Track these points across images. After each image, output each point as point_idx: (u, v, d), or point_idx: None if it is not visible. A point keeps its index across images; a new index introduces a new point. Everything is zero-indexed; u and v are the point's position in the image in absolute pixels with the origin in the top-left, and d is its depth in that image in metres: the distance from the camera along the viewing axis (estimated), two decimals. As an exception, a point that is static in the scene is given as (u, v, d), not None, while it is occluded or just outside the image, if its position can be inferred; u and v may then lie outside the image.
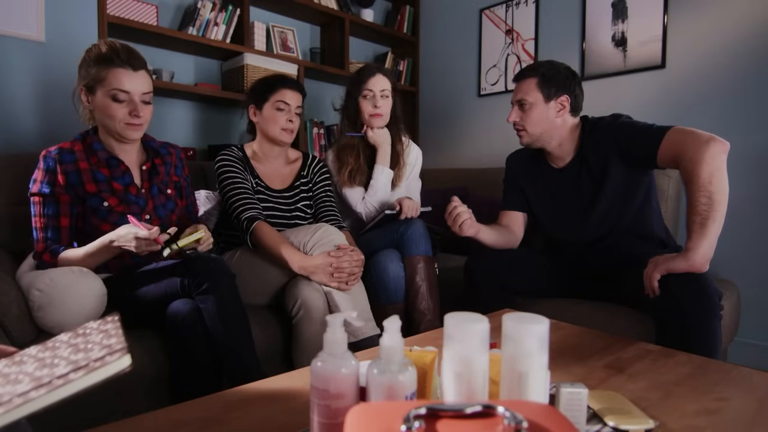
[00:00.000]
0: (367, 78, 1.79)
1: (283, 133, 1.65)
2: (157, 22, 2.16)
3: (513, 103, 1.53)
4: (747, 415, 0.74)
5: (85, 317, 1.12)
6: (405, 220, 1.66)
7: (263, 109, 1.66)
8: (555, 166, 1.57)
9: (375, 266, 1.59)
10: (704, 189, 1.19)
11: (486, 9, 2.85)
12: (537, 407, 0.46)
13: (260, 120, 1.68)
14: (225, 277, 1.21)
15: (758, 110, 1.90)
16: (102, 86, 1.26)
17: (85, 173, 1.29)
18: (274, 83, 1.67)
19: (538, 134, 1.50)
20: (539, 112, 1.48)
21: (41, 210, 1.26)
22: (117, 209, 1.30)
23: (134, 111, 1.28)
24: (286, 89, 1.65)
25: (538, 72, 1.49)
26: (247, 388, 0.81)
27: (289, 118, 1.64)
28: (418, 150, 1.99)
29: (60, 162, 1.27)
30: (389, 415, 0.44)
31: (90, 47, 1.29)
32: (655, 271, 1.22)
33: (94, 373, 0.50)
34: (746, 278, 1.85)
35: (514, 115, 1.52)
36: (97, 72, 1.25)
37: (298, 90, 1.68)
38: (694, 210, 1.20)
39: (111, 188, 1.31)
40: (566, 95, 1.47)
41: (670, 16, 2.14)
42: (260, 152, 1.73)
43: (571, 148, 1.52)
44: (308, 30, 2.91)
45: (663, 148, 1.30)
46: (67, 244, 1.28)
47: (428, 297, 1.58)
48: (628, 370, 0.90)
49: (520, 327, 0.54)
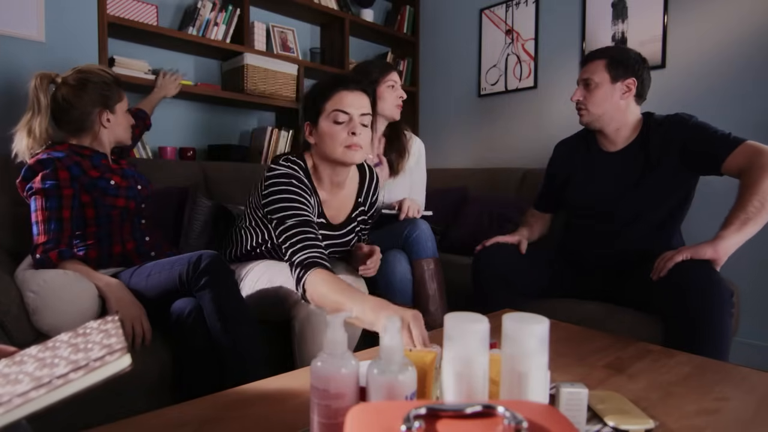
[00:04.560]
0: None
1: (347, 151, 1.24)
2: (157, 22, 2.16)
3: (578, 82, 1.54)
4: (747, 415, 0.74)
5: (81, 319, 1.13)
6: (408, 221, 1.65)
7: (319, 125, 1.27)
8: (607, 150, 1.57)
9: (382, 267, 1.55)
10: (762, 195, 1.23)
11: (486, 9, 2.85)
12: (537, 407, 0.46)
13: (317, 139, 1.28)
14: (224, 273, 1.21)
15: (758, 110, 1.90)
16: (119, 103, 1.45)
17: (84, 163, 1.35)
18: (329, 87, 1.26)
19: (599, 114, 1.50)
20: (604, 92, 1.48)
21: (43, 203, 1.27)
22: (122, 184, 1.41)
23: None
24: (346, 91, 1.25)
25: (607, 54, 1.50)
26: (247, 388, 0.81)
27: (351, 130, 1.23)
28: (421, 142, 1.97)
29: (59, 159, 1.30)
30: (389, 415, 0.44)
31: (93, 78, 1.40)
32: (677, 254, 1.25)
33: (94, 373, 0.50)
34: (746, 278, 1.85)
35: (579, 94, 1.53)
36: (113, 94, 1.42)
37: (362, 90, 1.27)
38: (742, 207, 1.24)
39: (110, 169, 1.42)
40: (633, 78, 1.48)
41: (670, 16, 2.14)
42: (321, 173, 1.34)
43: (630, 136, 1.52)
44: (308, 30, 2.91)
45: (733, 158, 1.33)
46: (69, 236, 1.30)
47: (438, 300, 1.58)
48: (628, 370, 0.90)
49: (520, 327, 0.54)
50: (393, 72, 1.80)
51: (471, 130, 2.96)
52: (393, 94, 1.78)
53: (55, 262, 1.24)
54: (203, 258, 1.20)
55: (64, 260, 1.25)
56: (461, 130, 3.01)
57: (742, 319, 1.75)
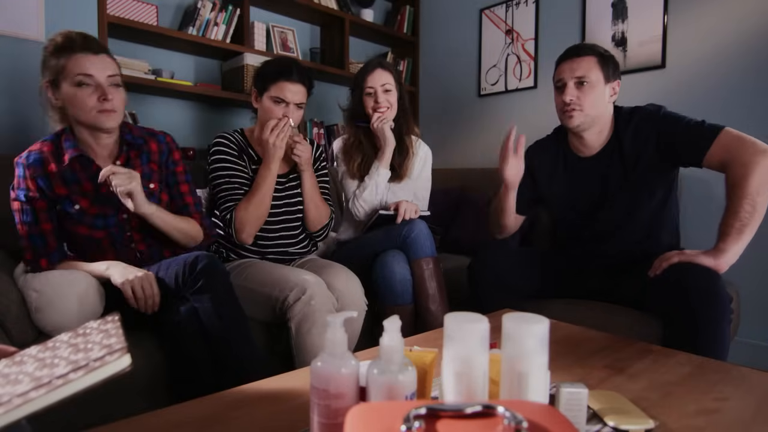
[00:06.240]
0: (366, 75, 1.77)
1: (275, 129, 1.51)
2: (157, 22, 2.16)
3: (565, 80, 1.41)
4: (746, 415, 0.74)
5: (84, 318, 1.12)
6: (406, 221, 1.64)
7: (263, 99, 1.55)
8: (581, 155, 1.51)
9: (381, 267, 1.57)
10: (751, 198, 1.20)
11: (486, 9, 2.85)
12: (537, 407, 0.46)
13: (259, 108, 1.59)
14: (219, 274, 1.21)
15: (759, 110, 1.90)
16: (65, 76, 1.19)
17: (53, 176, 1.23)
18: (275, 74, 1.52)
19: (593, 116, 1.41)
20: (600, 93, 1.39)
21: (21, 217, 1.23)
22: (90, 211, 1.25)
23: (102, 95, 1.19)
24: (287, 82, 1.51)
25: (596, 51, 1.41)
26: (247, 388, 0.81)
27: (286, 113, 1.52)
28: (428, 148, 1.96)
29: (28, 167, 1.22)
30: (389, 415, 0.44)
31: (46, 43, 1.22)
32: (676, 257, 1.24)
33: (93, 373, 0.50)
34: (746, 278, 1.85)
35: (572, 93, 1.39)
36: (57, 63, 1.19)
37: (301, 82, 1.53)
38: (735, 215, 1.21)
39: (81, 189, 1.25)
40: (618, 81, 1.43)
41: (670, 16, 2.14)
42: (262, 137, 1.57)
43: (606, 136, 1.46)
44: (308, 30, 2.91)
45: (714, 150, 1.28)
46: (56, 246, 1.25)
47: (439, 299, 1.58)
48: (628, 370, 0.90)
49: (520, 327, 0.54)
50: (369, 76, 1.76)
51: (471, 130, 2.96)
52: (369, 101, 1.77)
53: (46, 269, 1.22)
54: (200, 259, 1.19)
55: (54, 264, 1.23)
56: (461, 130, 3.01)
57: (742, 319, 1.75)
